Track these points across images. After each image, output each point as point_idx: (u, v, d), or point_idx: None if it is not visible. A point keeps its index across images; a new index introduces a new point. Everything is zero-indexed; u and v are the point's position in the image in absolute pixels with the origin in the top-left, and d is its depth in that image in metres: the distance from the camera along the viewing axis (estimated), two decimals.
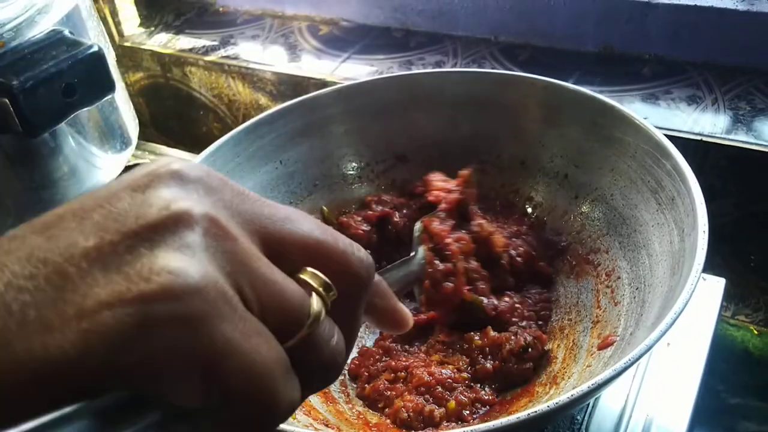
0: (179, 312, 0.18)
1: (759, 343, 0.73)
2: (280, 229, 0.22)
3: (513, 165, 0.60)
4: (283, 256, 0.21)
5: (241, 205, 0.21)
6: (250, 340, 0.19)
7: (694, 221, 0.41)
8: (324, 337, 0.22)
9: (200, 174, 0.21)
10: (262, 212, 0.22)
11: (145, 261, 0.18)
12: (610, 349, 0.44)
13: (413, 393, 0.45)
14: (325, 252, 0.22)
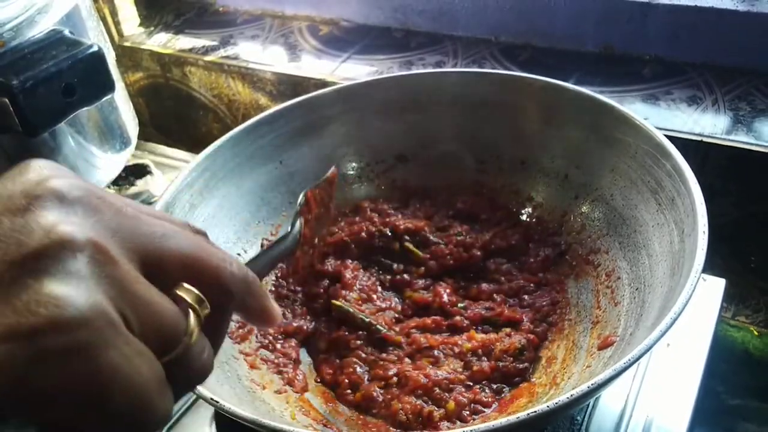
0: (67, 343, 0.18)
1: (759, 344, 0.73)
2: (158, 247, 0.23)
3: (513, 165, 0.60)
4: (161, 273, 0.22)
5: (120, 224, 0.22)
6: (131, 363, 0.20)
7: (694, 221, 0.41)
8: (197, 351, 0.23)
9: (80, 194, 0.22)
10: (141, 231, 0.22)
11: (31, 292, 0.19)
12: (610, 350, 0.44)
13: (410, 395, 0.45)
14: (199, 267, 0.23)
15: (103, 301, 0.20)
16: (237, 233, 0.56)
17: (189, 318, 0.22)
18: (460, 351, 0.48)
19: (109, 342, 0.19)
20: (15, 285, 0.19)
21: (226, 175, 0.55)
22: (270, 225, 0.59)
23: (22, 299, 0.19)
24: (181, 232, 0.24)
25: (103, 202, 0.22)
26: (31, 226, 0.20)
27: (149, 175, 0.77)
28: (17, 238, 0.20)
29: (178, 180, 0.51)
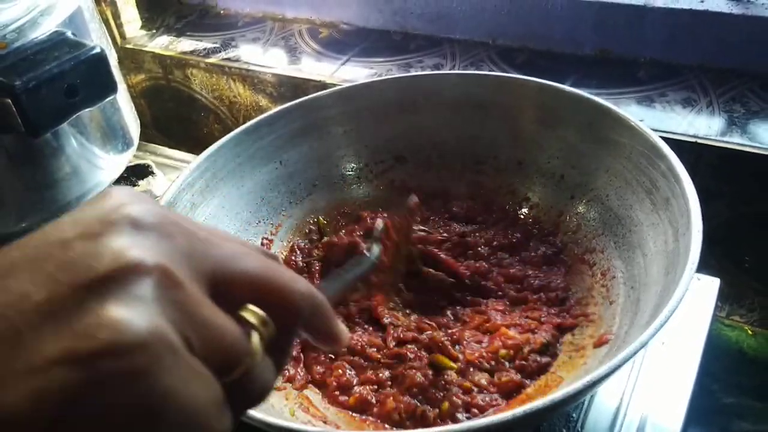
0: (123, 368, 0.19)
1: (753, 344, 0.73)
2: (227, 269, 0.23)
3: (510, 166, 0.61)
4: (229, 294, 0.23)
5: (192, 248, 0.22)
6: (189, 386, 0.20)
7: (688, 221, 0.42)
8: (259, 371, 0.23)
9: (154, 220, 0.22)
10: (211, 253, 0.23)
11: (93, 316, 0.19)
12: (605, 348, 0.45)
13: (405, 394, 0.45)
14: (267, 287, 0.24)
15: (164, 324, 0.20)
16: (237, 232, 0.57)
17: (252, 339, 0.23)
18: (489, 356, 0.47)
19: (167, 366, 0.19)
20: (79, 309, 0.19)
21: (227, 175, 0.56)
22: (270, 224, 0.60)
23: (83, 323, 0.19)
24: (250, 254, 0.24)
25: (177, 227, 0.23)
26: (102, 251, 0.20)
27: (151, 176, 0.78)
28: (87, 262, 0.20)
29: (179, 179, 0.52)
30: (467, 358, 0.47)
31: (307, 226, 0.62)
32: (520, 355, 0.47)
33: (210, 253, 0.23)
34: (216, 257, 0.23)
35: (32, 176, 0.63)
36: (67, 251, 0.20)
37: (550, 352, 0.48)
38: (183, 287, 0.21)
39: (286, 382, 0.48)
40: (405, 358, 0.48)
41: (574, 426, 0.48)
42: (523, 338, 0.48)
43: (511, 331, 0.49)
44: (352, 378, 0.48)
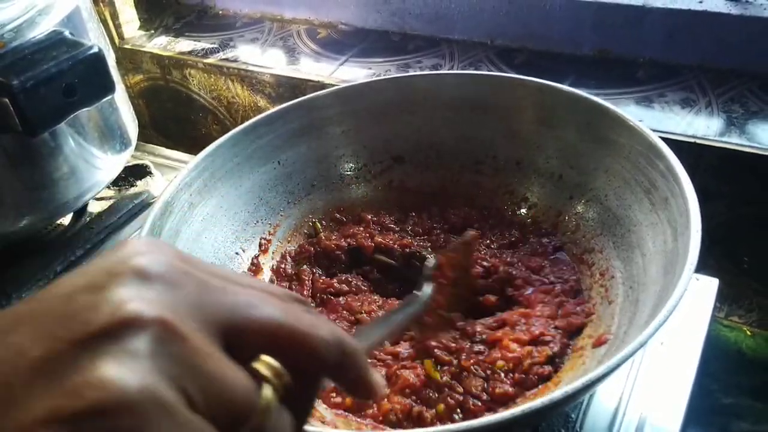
0: (108, 429, 0.18)
1: (752, 344, 0.73)
2: (241, 318, 0.22)
3: (509, 166, 0.61)
4: (243, 345, 0.22)
5: (202, 298, 0.21)
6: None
7: (687, 221, 0.42)
8: (272, 426, 0.22)
9: (161, 269, 0.21)
10: (224, 301, 0.22)
11: (85, 373, 0.18)
12: (603, 348, 0.45)
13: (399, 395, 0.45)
14: (284, 335, 0.22)
15: (158, 381, 0.19)
16: (235, 232, 0.57)
17: (263, 392, 0.21)
18: (488, 366, 0.46)
19: (158, 426, 0.18)
20: (72, 365, 0.18)
21: (225, 174, 0.56)
22: (268, 225, 0.60)
23: (73, 381, 0.18)
24: (269, 300, 0.23)
25: (188, 276, 0.21)
26: (101, 304, 0.20)
27: (149, 176, 0.77)
28: (85, 316, 0.19)
29: (177, 179, 0.52)
30: (462, 364, 0.47)
31: (306, 227, 0.62)
32: (520, 368, 0.46)
33: (223, 301, 0.22)
34: (229, 305, 0.22)
35: (30, 176, 0.63)
36: (69, 305, 0.20)
37: (556, 363, 0.47)
38: (186, 340, 0.20)
39: None
40: (399, 356, 0.48)
41: (573, 426, 0.48)
42: (524, 352, 0.47)
43: (515, 344, 0.47)
44: None
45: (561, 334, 0.48)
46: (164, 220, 0.49)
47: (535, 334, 0.48)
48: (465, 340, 0.49)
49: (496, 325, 0.50)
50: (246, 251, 0.57)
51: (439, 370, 0.46)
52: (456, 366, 0.47)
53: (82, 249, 0.70)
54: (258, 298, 0.23)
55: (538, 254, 0.56)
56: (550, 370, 0.46)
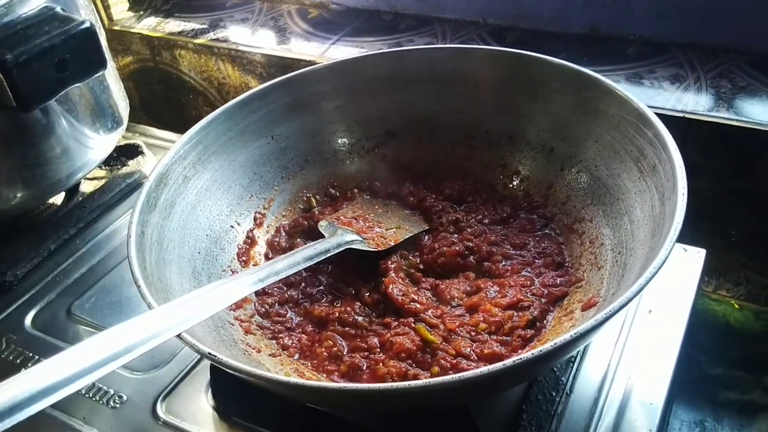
0: None
1: (740, 317, 0.75)
2: None
3: (500, 140, 0.61)
4: None
5: None
6: None
7: (674, 185, 0.43)
8: None
9: None
10: None
11: None
12: (593, 310, 0.46)
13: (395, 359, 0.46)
14: None
15: None
16: (230, 206, 0.57)
17: None
18: (471, 328, 0.48)
19: None
20: None
21: (219, 148, 0.56)
22: (263, 199, 0.60)
23: None
24: None
25: None
26: None
27: (141, 156, 0.77)
28: None
29: (171, 152, 0.52)
30: (448, 327, 0.48)
31: (300, 202, 0.62)
32: (501, 331, 0.48)
33: None
34: None
35: (23, 154, 0.63)
36: None
37: (537, 326, 0.48)
38: None
39: (281, 349, 0.49)
40: (390, 326, 0.49)
41: (564, 389, 0.49)
42: (505, 315, 0.48)
43: (495, 309, 0.49)
44: (342, 347, 0.48)
45: (540, 301, 0.50)
46: (159, 192, 0.50)
47: (512, 300, 0.50)
48: (444, 305, 0.51)
49: (470, 290, 0.51)
50: (241, 225, 0.58)
51: (431, 332, 0.47)
52: (444, 330, 0.48)
53: (74, 228, 0.70)
54: None
55: (525, 230, 0.57)
56: (532, 333, 0.47)
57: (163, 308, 0.38)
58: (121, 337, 0.35)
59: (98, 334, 0.35)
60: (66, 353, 0.33)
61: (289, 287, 0.54)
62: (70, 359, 0.33)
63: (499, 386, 0.42)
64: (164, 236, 0.48)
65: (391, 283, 0.51)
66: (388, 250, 0.54)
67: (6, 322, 0.61)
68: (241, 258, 0.56)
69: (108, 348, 0.34)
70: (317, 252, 0.49)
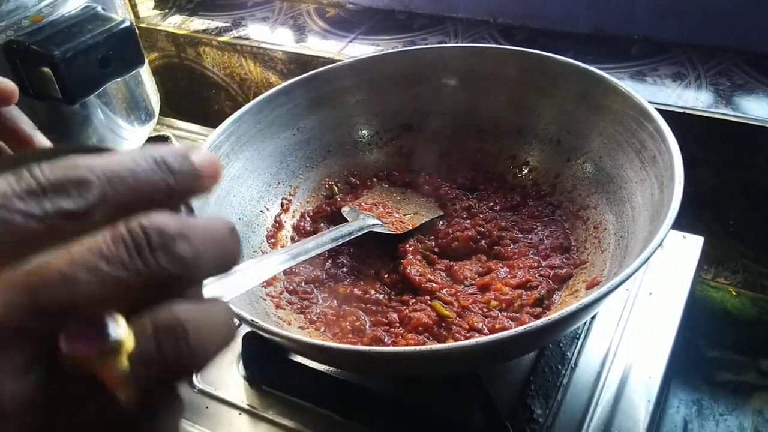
0: None
1: (737, 303, 0.78)
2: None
3: (510, 133, 0.65)
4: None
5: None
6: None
7: (672, 174, 0.47)
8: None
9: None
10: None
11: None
12: (596, 289, 0.50)
13: (413, 333, 0.50)
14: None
15: None
16: (260, 192, 0.61)
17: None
18: (483, 305, 0.52)
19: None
20: None
21: (250, 139, 0.60)
22: (289, 186, 0.64)
23: None
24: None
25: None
26: None
27: None
28: None
29: (207, 142, 0.56)
30: (461, 304, 0.52)
31: (323, 189, 0.66)
32: (511, 308, 0.52)
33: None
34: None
35: (62, 144, 0.67)
36: None
37: (545, 305, 0.52)
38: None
39: (308, 323, 0.53)
40: (408, 303, 0.53)
41: (569, 363, 0.53)
42: (515, 294, 0.52)
43: (505, 288, 0.53)
44: (364, 322, 0.52)
45: (547, 281, 0.53)
46: None
47: (521, 280, 0.53)
48: (458, 284, 0.55)
49: (482, 270, 0.55)
50: (269, 210, 0.62)
51: (446, 308, 0.51)
52: (458, 306, 0.52)
53: None
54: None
55: (533, 217, 0.61)
56: (539, 311, 0.51)
57: (209, 281, 0.42)
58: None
59: None
60: None
61: (314, 267, 0.58)
62: None
63: (508, 353, 0.46)
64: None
65: (409, 264, 0.55)
66: (406, 233, 0.59)
67: None
68: (270, 240, 0.60)
69: None
70: (342, 234, 0.53)
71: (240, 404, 0.53)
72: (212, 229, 0.19)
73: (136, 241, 0.17)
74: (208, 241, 0.19)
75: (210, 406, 0.53)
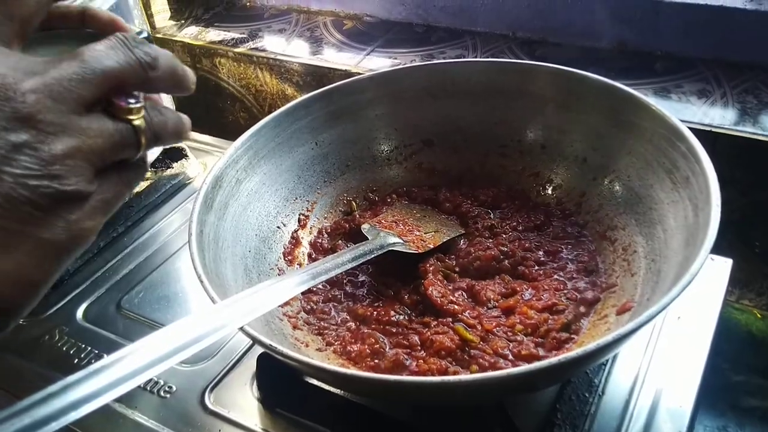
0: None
1: (762, 326, 0.76)
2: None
3: (534, 150, 0.64)
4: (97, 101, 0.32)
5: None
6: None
7: (707, 197, 0.45)
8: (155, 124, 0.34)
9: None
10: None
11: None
12: (627, 315, 0.48)
13: (435, 357, 0.48)
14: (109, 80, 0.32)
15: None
16: (277, 207, 0.60)
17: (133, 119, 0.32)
18: (508, 329, 0.50)
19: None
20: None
21: (267, 153, 0.59)
22: (306, 201, 0.63)
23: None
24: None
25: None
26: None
27: (185, 159, 0.81)
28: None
29: (225, 156, 0.55)
30: (485, 327, 0.50)
31: (341, 204, 0.65)
32: (537, 333, 0.50)
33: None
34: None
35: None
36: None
37: (572, 329, 0.50)
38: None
39: (326, 345, 0.51)
40: (429, 324, 0.51)
41: (596, 390, 0.51)
42: (541, 318, 0.50)
43: (531, 311, 0.51)
44: (384, 344, 0.50)
45: (574, 305, 0.52)
46: (215, 193, 0.52)
47: (547, 303, 0.52)
48: (480, 306, 0.53)
49: (506, 291, 0.54)
50: (287, 225, 0.60)
51: (469, 331, 0.49)
52: (481, 330, 0.50)
53: (123, 226, 0.73)
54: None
55: (558, 238, 0.59)
56: (567, 336, 0.50)
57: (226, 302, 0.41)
58: (188, 328, 0.37)
59: (166, 327, 0.36)
60: (140, 343, 0.34)
61: (332, 286, 0.57)
62: (146, 348, 0.34)
63: (537, 385, 0.44)
64: (219, 235, 0.51)
65: (430, 285, 0.53)
66: (427, 252, 0.57)
67: (59, 314, 0.64)
68: (287, 257, 0.59)
69: (177, 339, 0.36)
70: (362, 253, 0.52)
71: (253, 427, 0.51)
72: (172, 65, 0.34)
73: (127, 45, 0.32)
74: (166, 65, 0.34)
75: (222, 428, 0.52)
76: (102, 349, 0.60)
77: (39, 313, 0.64)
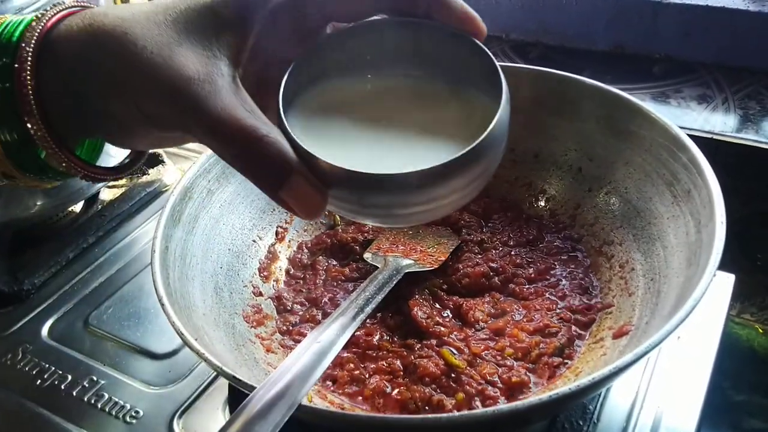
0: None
1: (765, 342, 0.73)
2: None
3: (526, 158, 0.60)
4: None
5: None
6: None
7: (711, 212, 0.42)
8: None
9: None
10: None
11: None
12: (625, 339, 0.45)
13: (419, 384, 0.45)
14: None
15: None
16: (252, 220, 0.56)
17: None
18: (497, 353, 0.47)
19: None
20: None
21: None
22: (284, 213, 0.59)
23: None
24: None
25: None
26: None
27: (161, 165, 0.77)
28: None
29: (196, 166, 0.52)
30: (472, 351, 0.47)
31: (323, 217, 0.61)
32: (528, 358, 0.47)
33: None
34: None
35: None
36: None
37: (565, 354, 0.47)
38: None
39: None
40: (413, 347, 0.48)
41: (591, 418, 0.48)
42: (532, 342, 0.47)
43: (522, 333, 0.48)
44: (363, 371, 0.47)
45: (567, 327, 0.48)
46: (183, 206, 0.49)
47: (539, 325, 0.48)
48: (468, 327, 0.49)
49: (495, 312, 0.50)
50: (263, 239, 0.57)
51: (456, 356, 0.46)
52: (468, 354, 0.47)
53: (94, 236, 0.70)
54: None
55: (551, 254, 0.55)
56: (560, 361, 0.46)
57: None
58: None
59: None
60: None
61: (311, 305, 0.53)
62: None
63: (531, 420, 0.41)
64: (187, 251, 0.48)
65: (415, 305, 0.50)
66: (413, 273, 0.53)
67: (23, 331, 0.61)
68: (263, 273, 0.55)
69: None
70: (384, 281, 0.50)
71: None
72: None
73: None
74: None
75: None
76: (66, 370, 0.56)
77: (2, 330, 0.61)
